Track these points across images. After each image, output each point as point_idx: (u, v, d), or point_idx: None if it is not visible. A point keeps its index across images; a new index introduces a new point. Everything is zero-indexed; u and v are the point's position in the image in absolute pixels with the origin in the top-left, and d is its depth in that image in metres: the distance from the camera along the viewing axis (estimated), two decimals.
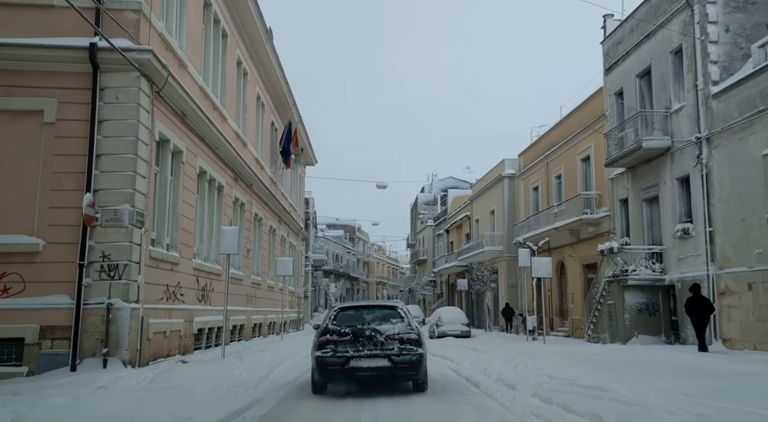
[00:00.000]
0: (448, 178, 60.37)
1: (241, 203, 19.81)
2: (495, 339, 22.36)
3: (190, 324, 14.06)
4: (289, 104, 26.15)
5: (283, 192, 28.16)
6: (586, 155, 21.13)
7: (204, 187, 15.69)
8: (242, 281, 19.79)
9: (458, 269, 39.88)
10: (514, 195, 30.86)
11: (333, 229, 77.25)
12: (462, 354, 15.08)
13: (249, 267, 20.93)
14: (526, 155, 28.12)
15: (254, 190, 21.53)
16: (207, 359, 12.25)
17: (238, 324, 18.99)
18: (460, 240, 40.99)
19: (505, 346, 17.17)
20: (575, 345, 17.33)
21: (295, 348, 16.95)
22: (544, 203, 25.18)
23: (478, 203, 36.59)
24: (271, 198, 24.51)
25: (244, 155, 19.26)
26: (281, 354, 14.24)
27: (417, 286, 57.82)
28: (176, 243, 13.35)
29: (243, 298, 19.97)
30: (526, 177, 27.70)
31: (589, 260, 20.99)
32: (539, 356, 13.43)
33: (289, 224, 30.36)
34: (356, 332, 8.56)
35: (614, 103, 18.63)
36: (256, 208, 22.03)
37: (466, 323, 25.25)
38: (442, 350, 17.28)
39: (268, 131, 24.74)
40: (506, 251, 30.79)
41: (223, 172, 17.28)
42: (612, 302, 16.66)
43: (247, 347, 15.84)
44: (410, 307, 47.89)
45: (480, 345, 18.80)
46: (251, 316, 21.04)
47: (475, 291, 30.50)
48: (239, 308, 19.12)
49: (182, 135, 13.65)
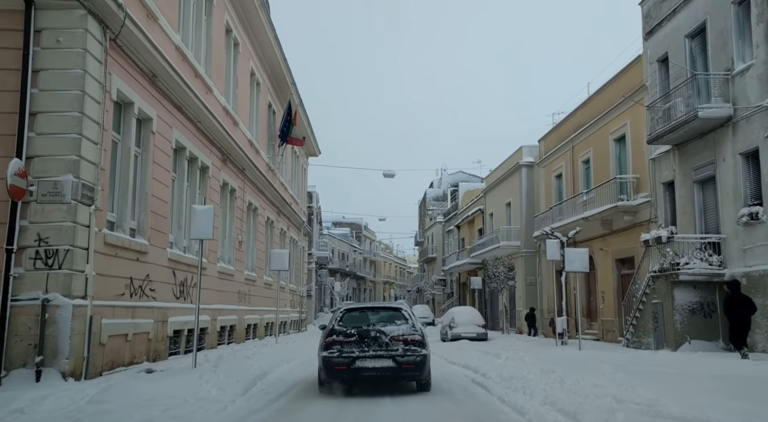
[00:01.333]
0: (458, 172, 57.97)
1: (232, 188, 17.59)
2: (516, 342, 20.02)
3: (163, 324, 11.83)
4: (287, 84, 23.92)
5: (282, 182, 25.94)
6: (621, 135, 18.74)
7: (183, 165, 13.46)
8: (233, 276, 17.57)
9: (470, 267, 37.53)
10: (533, 185, 28.47)
11: (339, 227, 75.12)
12: (485, 362, 12.78)
13: (241, 261, 18.71)
14: (547, 140, 25.74)
15: (248, 176, 19.31)
16: (179, 367, 10.01)
17: (227, 325, 16.76)
18: (472, 236, 38.65)
19: (533, 352, 14.84)
20: (613, 350, 14.97)
21: (290, 353, 14.69)
22: (569, 192, 22.82)
23: (492, 195, 34.22)
24: (268, 187, 22.29)
25: (234, 135, 17.05)
26: (271, 361, 11.98)
27: (426, 285, 55.47)
28: (144, 228, 11.13)
29: (234, 296, 17.75)
30: (548, 164, 25.32)
31: (624, 254, 18.62)
32: (580, 365, 11.10)
33: (289, 217, 28.14)
34: (362, 333, 8.71)
35: (657, 71, 16.24)
36: (249, 196, 19.81)
37: (483, 324, 22.93)
38: (460, 356, 14.97)
39: (264, 113, 22.52)
40: (524, 247, 28.43)
41: (208, 151, 15.06)
42: (658, 302, 14.29)
43: (233, 352, 13.60)
44: (418, 307, 45.64)
45: (501, 349, 16.47)
46: (244, 316, 18.83)
47: (491, 290, 28.18)
48: (229, 307, 16.90)
49: (152, 100, 11.42)
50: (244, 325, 18.81)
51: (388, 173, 24.83)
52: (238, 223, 18.25)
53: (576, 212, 20.87)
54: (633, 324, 15.55)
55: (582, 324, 21.57)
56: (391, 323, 9.09)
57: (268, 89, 23.04)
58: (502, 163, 32.07)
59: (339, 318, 9.28)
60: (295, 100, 24.60)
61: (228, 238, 17.55)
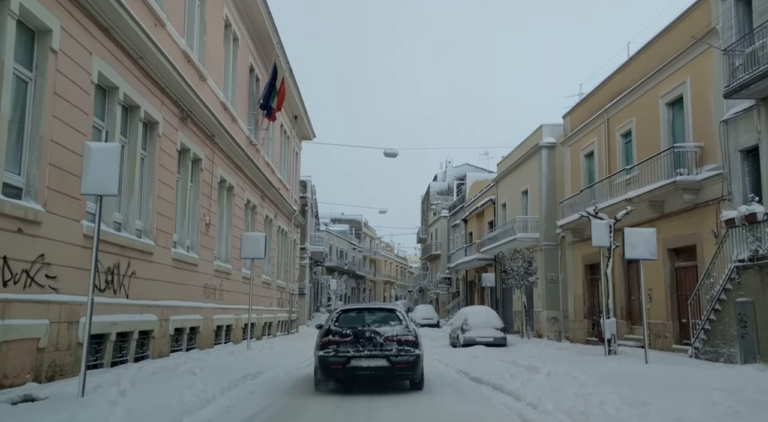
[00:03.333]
0: (463, 165, 54.45)
1: (196, 157, 14.14)
2: (545, 349, 16.54)
3: (70, 327, 8.37)
4: (273, 44, 20.43)
5: (268, 162, 22.48)
6: (676, 96, 15.24)
7: (114, 111, 9.98)
8: (197, 266, 14.12)
9: (480, 264, 34.07)
10: (555, 168, 25.00)
11: (338, 223, 71.63)
12: (521, 381, 9.32)
13: (210, 249, 15.25)
14: (574, 116, 22.25)
15: (219, 145, 15.84)
16: (68, 393, 6.53)
17: (185, 327, 13.29)
18: (481, 230, 35.17)
19: (578, 364, 11.37)
20: (686, 364, 11.47)
21: (260, 364, 11.22)
22: (603, 172, 19.34)
23: (505, 183, 30.73)
24: (248, 164, 18.84)
25: (200, 91, 13.61)
26: (222, 380, 8.48)
27: (429, 284, 51.95)
28: (35, 188, 7.67)
29: (198, 290, 14.31)
30: (575, 142, 21.84)
31: (681, 242, 15.13)
32: (668, 389, 7.64)
33: (277, 205, 24.67)
34: (357, 333, 8.96)
35: (732, 8, 12.78)
36: (222, 171, 16.35)
37: (501, 327, 19.44)
38: (483, 369, 11.49)
39: (244, 77, 19.06)
40: (544, 239, 24.94)
41: (157, 101, 11.59)
42: (747, 300, 10.83)
43: (181, 363, 10.09)
44: (421, 308, 42.10)
45: (531, 359, 13.02)
46: (212, 316, 15.36)
47: (506, 288, 24.69)
48: (189, 304, 13.44)
49: (51, 5, 7.96)
50: (211, 327, 15.34)
51: (389, 152, 21.41)
52: (204, 201, 14.79)
53: (615, 194, 17.40)
54: (706, 328, 12.08)
55: (621, 327, 18.08)
56: (386, 324, 9.32)
57: (250, 49, 19.58)
58: (517, 146, 28.57)
59: (335, 318, 9.52)
60: (281, 64, 21.14)
61: (190, 218, 14.10)
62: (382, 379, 8.98)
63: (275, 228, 24.46)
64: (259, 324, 21.03)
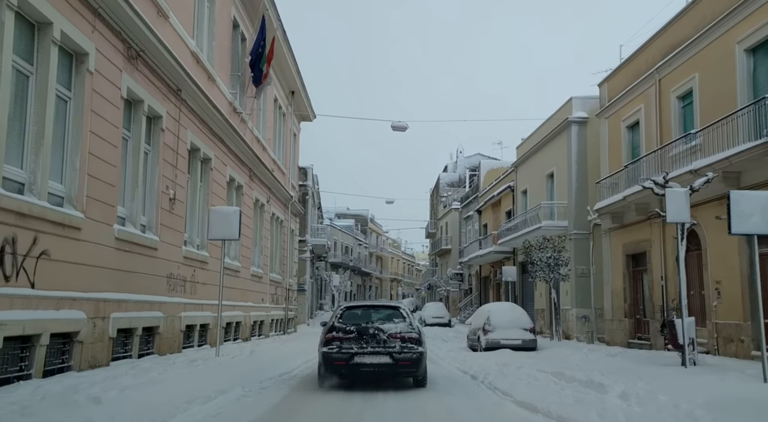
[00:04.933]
0: (475, 155, 51.37)
1: (153, 113, 11.19)
2: (589, 355, 13.53)
3: None
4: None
5: (259, 138, 19.55)
6: (761, 39, 12.12)
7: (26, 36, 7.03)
8: (156, 250, 11.20)
9: (496, 257, 31.01)
10: (587, 146, 21.93)
11: (343, 219, 68.72)
12: (597, 409, 6.32)
13: (175, 230, 12.32)
14: (613, 82, 19.11)
15: (188, 103, 12.89)
16: None
17: (137, 327, 10.33)
18: (497, 221, 32.11)
19: (655, 379, 8.35)
20: None
21: (216, 382, 8.19)
22: (652, 143, 16.25)
23: (526, 168, 27.64)
24: (232, 136, 15.93)
25: (159, 29, 10.67)
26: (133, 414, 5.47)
27: (439, 281, 48.89)
28: None
29: (160, 282, 11.38)
30: (615, 113, 18.72)
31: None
32: None
33: (271, 188, 21.75)
34: (360, 330, 9.01)
35: None
36: (194, 136, 13.41)
37: (531, 327, 16.36)
38: (525, 386, 8.49)
39: (225, 30, 16.09)
40: (574, 227, 21.88)
41: (84, 23, 8.62)
42: None
43: (95, 381, 7.07)
44: (432, 305, 39.04)
45: (582, 370, 10.00)
46: (180, 313, 12.43)
47: (532, 281, 21.60)
48: (141, 298, 10.50)
49: None
50: (178, 326, 12.40)
51: (398, 126, 18.44)
52: (167, 170, 11.84)
53: (671, 168, 14.31)
54: None
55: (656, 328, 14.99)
56: (390, 321, 9.37)
57: (233, 1, 16.62)
58: (541, 124, 25.47)
59: (339, 315, 9.59)
60: (272, 21, 18.15)
61: (147, 190, 11.18)
62: (385, 376, 9.05)
63: (267, 215, 21.52)
64: (246, 323, 18.10)
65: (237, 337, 17.19)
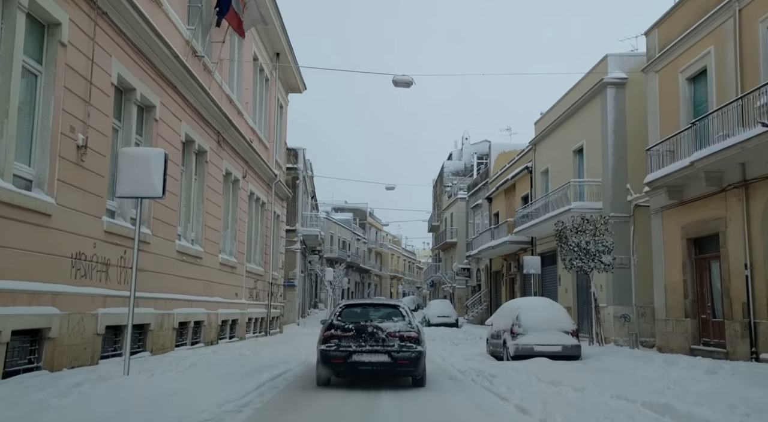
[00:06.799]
0: (482, 141, 47.66)
1: (45, 16, 7.55)
2: (670, 370, 9.90)
3: None
4: None
5: (229, 96, 15.92)
6: None
7: None
8: (50, 217, 7.58)
9: (511, 248, 27.39)
10: (627, 112, 18.35)
11: (340, 212, 65.06)
12: None
13: (90, 193, 8.69)
14: (666, 25, 15.42)
15: (111, 18, 9.24)
16: None
17: (22, 329, 6.70)
18: (511, 208, 28.50)
19: None
20: None
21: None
22: (726, 94, 12.64)
23: (547, 144, 24.03)
24: (188, 83, 12.33)
25: None
26: None
27: (444, 277, 45.25)
28: None
29: (56, 264, 7.77)
30: (670, 62, 15.07)
31: None
32: None
33: (249, 162, 18.15)
34: (359, 328, 8.96)
35: None
36: (121, 67, 9.75)
37: (572, 330, 12.72)
38: None
39: None
40: (611, 209, 18.29)
41: None
42: None
43: None
44: (438, 303, 35.32)
45: (705, 403, 6.41)
46: (94, 309, 8.80)
47: (559, 275, 17.95)
48: (19, 287, 6.88)
49: None
50: (93, 328, 8.76)
51: (400, 80, 14.90)
52: (71, 104, 8.19)
53: (756, 123, 10.66)
54: None
55: (762, 330, 11.38)
56: (389, 319, 9.32)
57: None
58: (568, 91, 21.83)
59: (338, 312, 9.49)
60: None
61: (35, 129, 7.56)
62: (383, 374, 8.99)
63: (243, 193, 17.91)
64: (211, 323, 14.48)
65: (197, 340, 13.58)
